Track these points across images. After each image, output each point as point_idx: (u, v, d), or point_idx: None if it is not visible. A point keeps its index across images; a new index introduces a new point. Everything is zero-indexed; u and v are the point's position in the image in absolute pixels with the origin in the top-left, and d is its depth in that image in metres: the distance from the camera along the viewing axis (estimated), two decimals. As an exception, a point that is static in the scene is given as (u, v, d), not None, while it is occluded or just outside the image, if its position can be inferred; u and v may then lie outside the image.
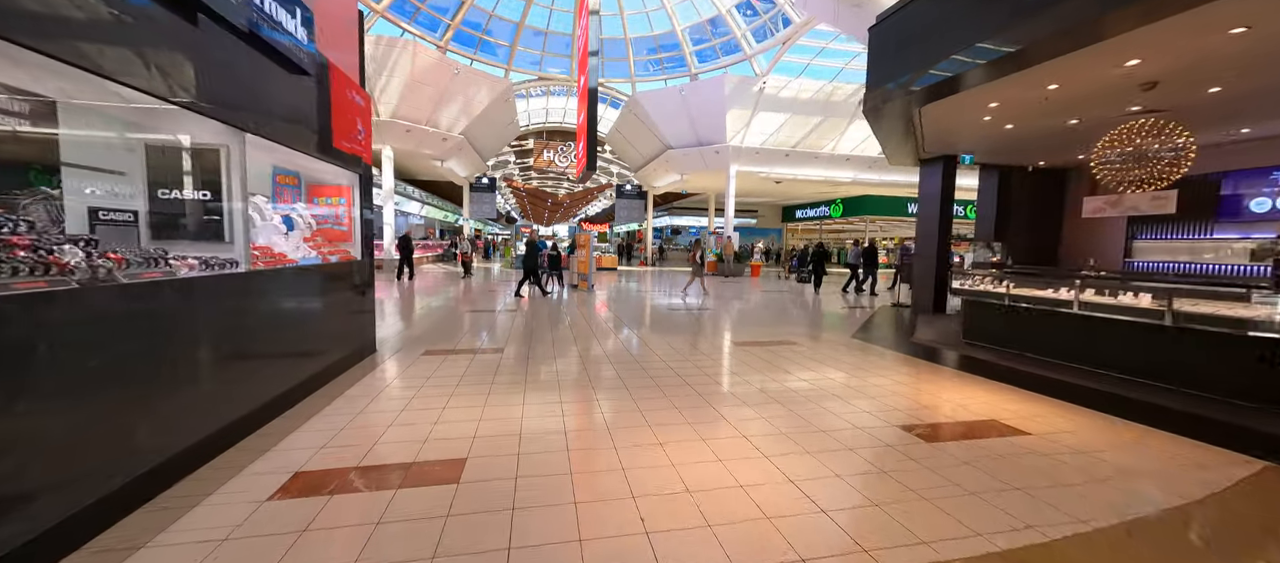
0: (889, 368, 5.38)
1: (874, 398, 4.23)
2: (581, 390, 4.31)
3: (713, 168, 21.32)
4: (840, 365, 5.37)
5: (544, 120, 28.84)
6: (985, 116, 7.05)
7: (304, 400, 3.80)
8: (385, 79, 16.17)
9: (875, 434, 3.42)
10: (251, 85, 3.23)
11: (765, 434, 3.38)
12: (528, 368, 5.00)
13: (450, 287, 13.42)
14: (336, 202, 5.02)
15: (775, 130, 20.17)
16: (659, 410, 3.77)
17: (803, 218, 37.05)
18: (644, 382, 4.59)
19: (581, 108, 14.70)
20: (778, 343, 6.50)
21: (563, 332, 7.08)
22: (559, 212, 53.17)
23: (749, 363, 5.42)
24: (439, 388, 4.30)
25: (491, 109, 19.91)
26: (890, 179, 22.88)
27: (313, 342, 4.12)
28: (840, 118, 19.88)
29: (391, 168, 18.49)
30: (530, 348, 5.90)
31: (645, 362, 5.34)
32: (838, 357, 5.80)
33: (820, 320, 8.80)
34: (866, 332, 7.63)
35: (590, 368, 5.07)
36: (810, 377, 4.89)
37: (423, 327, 7.18)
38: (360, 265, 5.08)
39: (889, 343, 6.77)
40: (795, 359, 5.63)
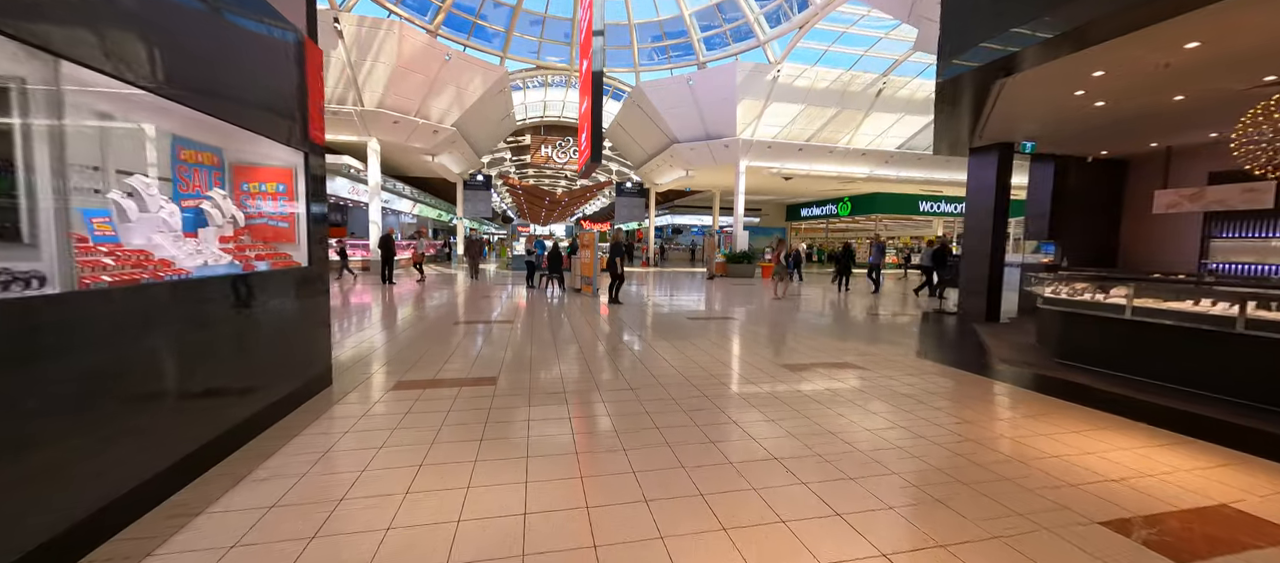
0: (992, 404, 4.18)
1: (1022, 462, 3.03)
2: (607, 454, 3.08)
3: (721, 163, 20.14)
4: (934, 403, 4.17)
5: (542, 114, 27.55)
6: (1079, 90, 5.87)
7: (196, 481, 2.56)
8: (370, 65, 14.87)
9: (1076, 539, 2.21)
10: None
11: (913, 545, 2.17)
12: (531, 411, 3.77)
13: (436, 292, 12.15)
14: (274, 190, 3.77)
15: (789, 123, 18.99)
16: (717, 480, 2.56)
17: (808, 217, 35.95)
18: (690, 436, 3.37)
19: (584, 95, 13.46)
20: (838, 367, 5.29)
21: (569, 350, 5.85)
22: (557, 210, 51.90)
23: (821, 400, 4.21)
24: (409, 446, 3.07)
25: (486, 100, 18.64)
26: (906, 175, 21.78)
27: (223, 383, 2.87)
28: (857, 109, 18.73)
29: (377, 162, 17.19)
30: (531, 377, 4.66)
31: (686, 399, 4.13)
32: (922, 388, 4.60)
33: (866, 332, 7.60)
34: (930, 348, 6.43)
35: (615, 410, 3.85)
36: (909, 422, 3.69)
37: (400, 344, 5.93)
38: (308, 274, 3.84)
39: (966, 363, 5.57)
40: (877, 394, 4.42)
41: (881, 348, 6.36)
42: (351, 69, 14.70)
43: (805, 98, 17.98)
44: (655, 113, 19.47)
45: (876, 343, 6.69)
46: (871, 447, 3.20)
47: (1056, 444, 3.31)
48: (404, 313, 8.70)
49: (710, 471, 2.80)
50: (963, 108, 6.88)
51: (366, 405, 3.83)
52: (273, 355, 3.43)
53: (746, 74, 16.82)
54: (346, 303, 9.87)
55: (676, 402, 4.00)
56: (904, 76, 17.97)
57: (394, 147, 18.10)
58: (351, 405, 3.82)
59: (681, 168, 22.12)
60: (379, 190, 17.42)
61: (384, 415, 3.61)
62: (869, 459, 3.00)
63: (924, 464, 2.96)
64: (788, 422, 3.61)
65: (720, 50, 18.89)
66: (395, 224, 32.29)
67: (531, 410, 3.76)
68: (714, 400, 4.06)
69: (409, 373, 4.67)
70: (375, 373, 4.67)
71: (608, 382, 4.56)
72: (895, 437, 3.38)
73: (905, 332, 7.73)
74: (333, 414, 3.62)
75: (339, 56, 14.46)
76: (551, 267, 12.81)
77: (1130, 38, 4.44)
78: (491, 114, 20.67)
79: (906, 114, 19.24)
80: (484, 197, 28.34)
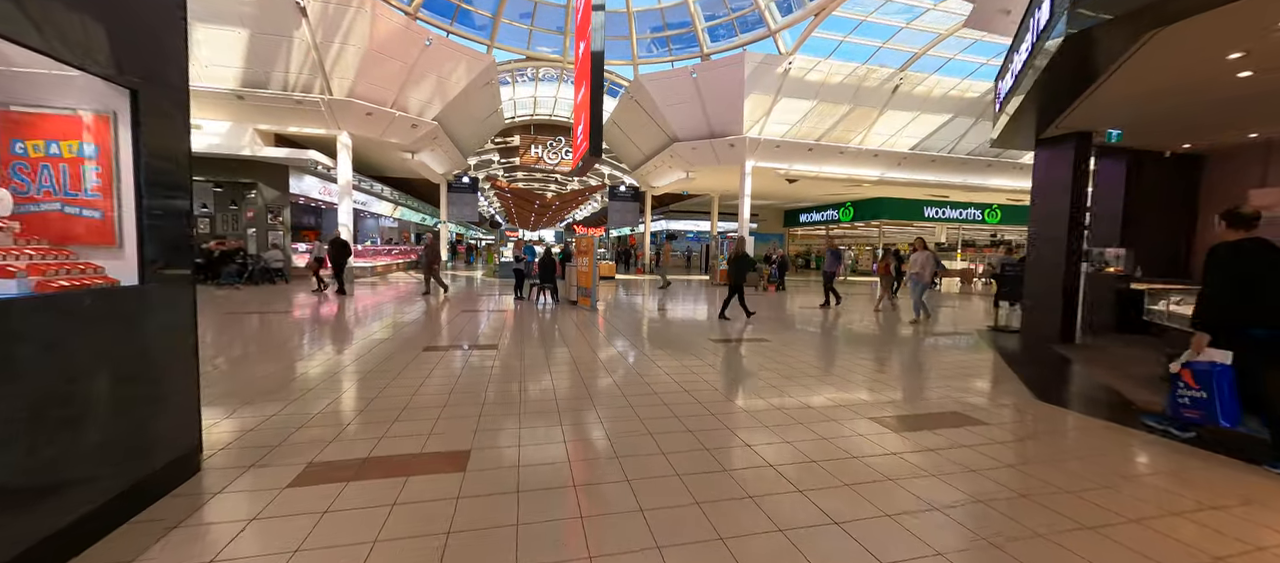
0: (1220, 488, 2.73)
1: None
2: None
3: (725, 163, 18.76)
4: (1131, 488, 2.71)
5: (531, 112, 26.04)
6: (1238, 51, 4.52)
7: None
8: (338, 46, 13.22)
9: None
10: None
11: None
12: (522, 521, 2.23)
13: (406, 307, 10.52)
14: (71, 151, 2.18)
15: (799, 120, 17.69)
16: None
17: (807, 222, 34.79)
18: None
19: (581, 82, 11.96)
20: (953, 422, 3.82)
21: (569, 393, 4.31)
22: (547, 214, 50.26)
23: (974, 497, 2.72)
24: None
25: (471, 93, 17.06)
26: (917, 178, 20.62)
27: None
28: (871, 107, 17.51)
29: (349, 158, 15.48)
30: (518, 453, 3.11)
31: (776, 497, 2.61)
32: (1092, 461, 3.14)
33: (945, 361, 6.16)
34: (1044, 387, 4.99)
35: (660, 514, 2.31)
36: (1135, 538, 2.21)
37: (326, 392, 4.32)
38: (140, 298, 2.26)
39: (1113, 412, 4.14)
40: (1040, 476, 2.95)
41: (979, 384, 4.91)
42: (317, 52, 13.04)
43: (817, 93, 16.71)
44: (655, 108, 18.06)
45: (969, 378, 5.23)
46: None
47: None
48: (348, 337, 7.07)
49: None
50: (1067, 80, 5.50)
51: (248, 512, 2.25)
52: (76, 439, 1.86)
53: (756, 65, 15.48)
54: (273, 324, 8.19)
55: (735, 482, 2.48)
56: (921, 72, 16.80)
57: (368, 142, 16.41)
58: (222, 512, 2.24)
59: (682, 169, 20.71)
60: (350, 190, 15.70)
61: (274, 535, 2.04)
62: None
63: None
64: (948, 535, 2.10)
65: (726, 41, 17.57)
66: (375, 227, 30.50)
67: (524, 521, 2.21)
68: (812, 493, 2.55)
69: (328, 449, 3.08)
70: (275, 449, 3.08)
71: (640, 459, 3.03)
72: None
73: (982, 360, 6.30)
74: (189, 531, 2.04)
75: (303, 37, 12.81)
76: (543, 275, 11.25)
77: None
78: (477, 109, 19.08)
79: (922, 113, 18.08)
80: (470, 200, 26.65)
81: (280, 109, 14.03)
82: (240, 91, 13.39)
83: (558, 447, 3.17)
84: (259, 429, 3.35)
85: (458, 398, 4.13)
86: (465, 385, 4.50)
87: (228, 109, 13.85)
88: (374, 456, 2.98)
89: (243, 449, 3.01)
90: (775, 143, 17.75)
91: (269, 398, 3.99)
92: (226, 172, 14.87)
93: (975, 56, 16.54)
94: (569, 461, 2.96)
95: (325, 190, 17.82)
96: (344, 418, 3.62)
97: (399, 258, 23.97)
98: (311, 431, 3.35)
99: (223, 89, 13.29)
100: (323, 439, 3.20)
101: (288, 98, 13.72)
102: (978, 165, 20.51)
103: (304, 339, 6.62)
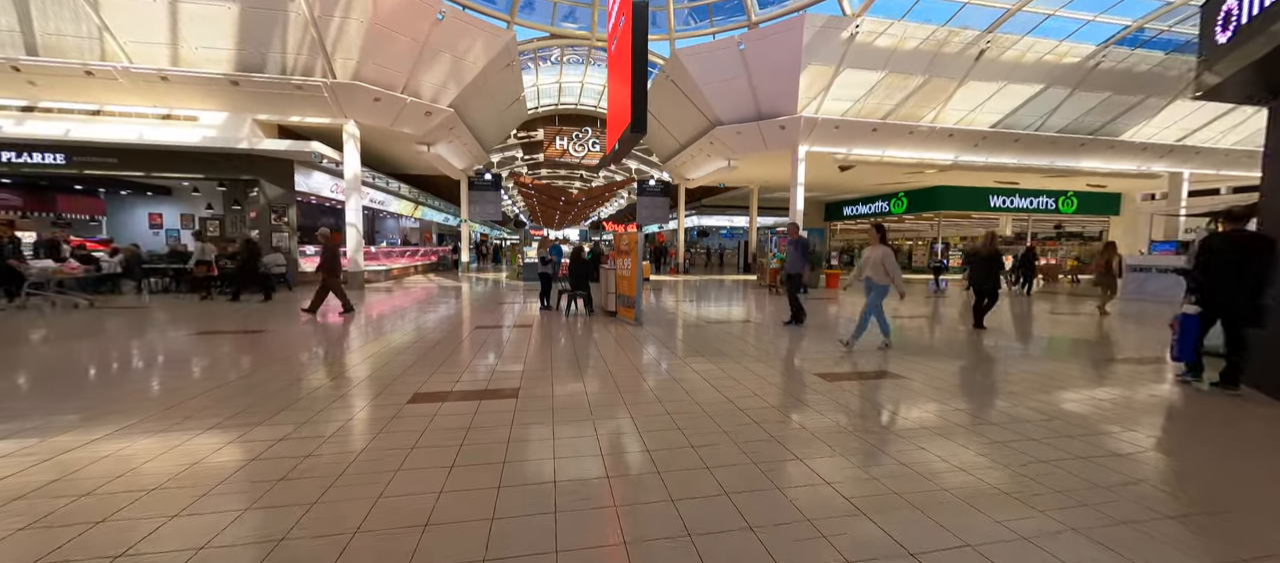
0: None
1: None
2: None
3: (774, 148, 16.54)
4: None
5: (556, 101, 24.31)
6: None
7: None
8: (339, 20, 11.61)
9: None
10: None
11: None
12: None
13: (390, 323, 8.78)
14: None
15: (864, 95, 15.31)
16: None
17: (851, 216, 32.09)
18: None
19: (617, 49, 9.99)
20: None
21: (657, 523, 2.35)
22: (572, 211, 48.69)
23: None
24: None
25: (490, 76, 15.32)
26: (996, 161, 17.91)
27: None
28: (949, 77, 15.00)
29: (356, 150, 13.93)
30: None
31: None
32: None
33: (1165, 399, 3.96)
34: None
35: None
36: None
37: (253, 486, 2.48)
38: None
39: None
40: None
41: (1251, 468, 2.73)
42: (316, 28, 11.47)
43: (887, 62, 14.31)
44: (694, 89, 15.98)
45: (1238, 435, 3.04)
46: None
47: None
48: (304, 374, 5.27)
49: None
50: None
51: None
52: None
53: (816, 31, 13.23)
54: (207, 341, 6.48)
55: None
56: (1012, 33, 14.22)
57: (379, 133, 14.86)
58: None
59: (723, 157, 18.54)
60: (358, 185, 14.15)
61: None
62: None
63: None
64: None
65: (778, 6, 15.34)
66: (395, 228, 29.33)
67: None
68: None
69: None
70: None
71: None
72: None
73: (1230, 402, 4.05)
74: None
75: (299, 11, 11.25)
76: (574, 280, 9.35)
77: None
78: (498, 95, 17.36)
79: (1009, 83, 15.45)
80: (493, 197, 25.13)
81: (280, 96, 12.55)
82: (234, 76, 11.94)
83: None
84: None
85: (455, 507, 2.21)
86: (467, 491, 2.58)
87: (223, 98, 12.44)
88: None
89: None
90: (834, 123, 15.42)
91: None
92: (227, 168, 13.52)
93: (1079, 12, 13.89)
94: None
95: (338, 188, 16.42)
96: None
97: (418, 259, 22.58)
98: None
99: (216, 74, 11.86)
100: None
101: (287, 82, 12.20)
102: (1069, 145, 17.69)
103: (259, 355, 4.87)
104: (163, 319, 8.25)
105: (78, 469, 2.74)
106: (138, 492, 2.50)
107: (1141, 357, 6.01)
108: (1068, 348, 6.51)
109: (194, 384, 4.41)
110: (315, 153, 13.29)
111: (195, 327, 7.48)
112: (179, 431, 3.31)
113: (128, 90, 11.92)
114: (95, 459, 2.87)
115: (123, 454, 2.93)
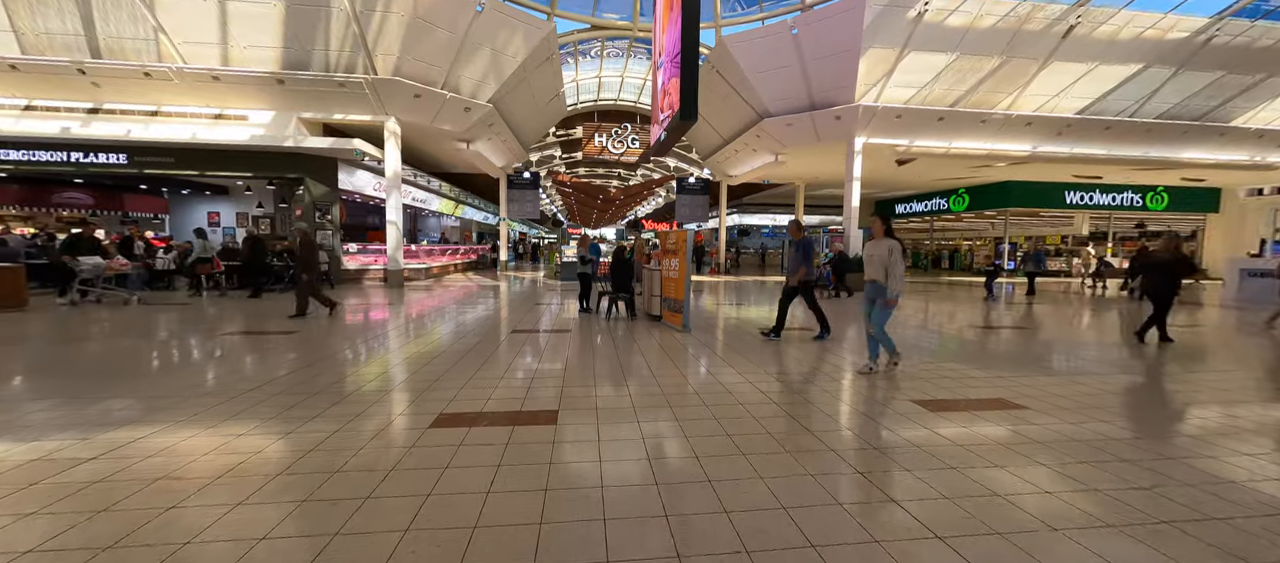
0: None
1: None
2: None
3: (826, 141, 15.43)
4: None
5: (595, 96, 23.83)
6: None
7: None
8: (380, 15, 11.44)
9: None
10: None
11: None
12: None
13: (415, 325, 8.36)
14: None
15: (930, 81, 13.98)
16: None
17: (905, 214, 30.14)
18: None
19: (667, 13, 9.27)
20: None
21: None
22: (610, 210, 48.37)
23: None
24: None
25: (529, 70, 14.94)
26: (1082, 151, 16.10)
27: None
28: (1029, 58, 13.47)
29: (397, 147, 13.83)
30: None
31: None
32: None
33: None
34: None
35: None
36: None
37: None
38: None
39: None
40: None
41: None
42: (357, 23, 11.33)
43: (959, 43, 12.97)
44: (741, 79, 15.07)
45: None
46: None
47: None
48: (310, 388, 4.81)
49: None
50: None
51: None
52: None
53: (879, 10, 12.08)
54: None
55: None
56: (1106, 7, 12.58)
57: (418, 130, 14.74)
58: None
59: (770, 152, 17.54)
60: (398, 182, 14.06)
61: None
62: None
63: None
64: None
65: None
66: (437, 227, 29.73)
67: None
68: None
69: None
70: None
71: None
72: None
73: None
74: None
75: (341, 7, 11.13)
76: (615, 281, 8.71)
77: None
78: (537, 91, 17.00)
79: (1101, 63, 13.74)
80: (531, 196, 24.94)
81: (323, 93, 12.55)
82: (280, 75, 11.99)
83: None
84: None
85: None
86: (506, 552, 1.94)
87: (270, 96, 12.55)
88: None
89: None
90: (896, 112, 14.16)
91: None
92: (275, 166, 13.69)
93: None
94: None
95: (380, 187, 16.48)
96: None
97: (458, 258, 22.64)
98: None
99: (263, 72, 11.94)
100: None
101: (330, 79, 12.17)
102: (1169, 132, 15.66)
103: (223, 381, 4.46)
104: (193, 319, 8.16)
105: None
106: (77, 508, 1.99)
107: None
108: (1262, 370, 5.32)
109: (174, 385, 4.02)
110: (357, 150, 13.24)
111: (229, 325, 7.31)
112: (156, 437, 2.84)
113: (182, 90, 12.17)
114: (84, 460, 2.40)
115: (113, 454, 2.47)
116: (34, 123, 12.19)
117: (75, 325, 7.17)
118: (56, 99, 12.16)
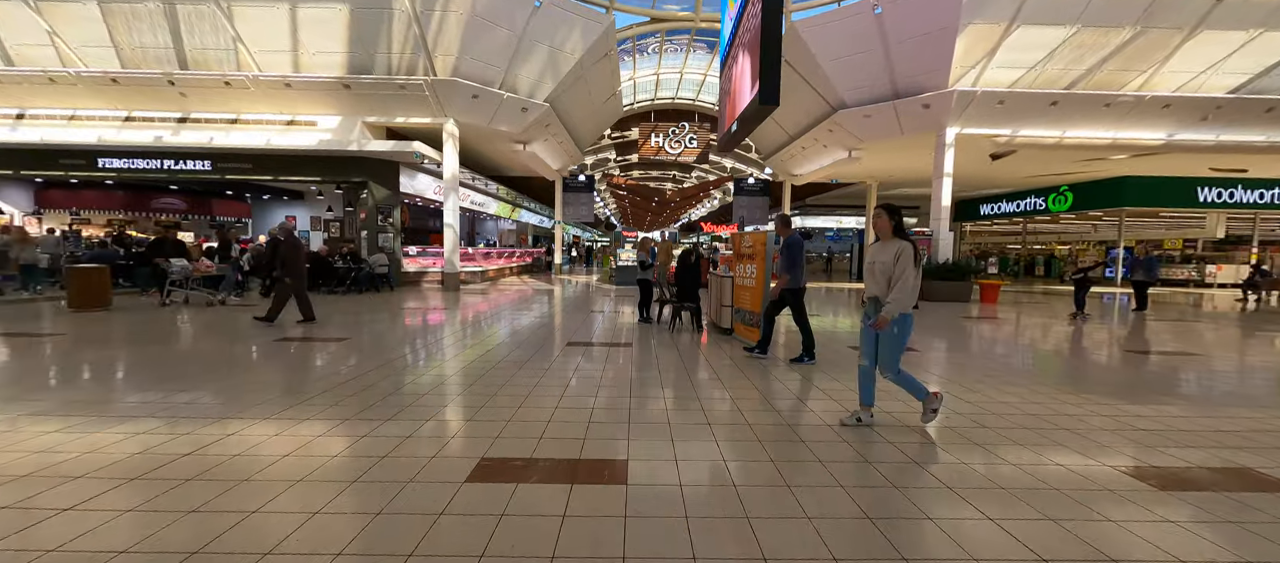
0: None
1: None
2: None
3: (912, 133, 13.82)
4: None
5: (652, 96, 23.15)
6: None
7: None
8: (439, 14, 11.27)
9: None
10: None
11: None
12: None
13: (422, 340, 7.81)
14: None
15: (1042, 60, 12.12)
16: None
17: (990, 215, 27.17)
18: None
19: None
20: None
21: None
22: (665, 212, 47.63)
23: None
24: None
25: (587, 67, 14.43)
26: (1232, 139, 13.50)
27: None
28: (1172, 27, 11.33)
29: (455, 149, 13.72)
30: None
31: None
32: None
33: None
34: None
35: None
36: None
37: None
38: None
39: None
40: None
41: None
42: (418, 23, 11.21)
43: (1080, 15, 11.09)
44: (812, 66, 13.80)
45: None
46: None
47: None
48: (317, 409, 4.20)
49: None
50: None
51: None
52: None
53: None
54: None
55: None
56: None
57: (476, 132, 14.60)
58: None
59: (843, 148, 16.07)
60: (456, 185, 13.95)
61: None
62: None
63: None
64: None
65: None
66: (494, 230, 30.15)
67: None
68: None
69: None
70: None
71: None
72: None
73: None
74: None
75: (403, 8, 11.04)
76: (681, 288, 7.85)
77: None
78: (594, 89, 16.50)
79: (1266, 30, 11.34)
80: (586, 199, 24.64)
81: (385, 97, 12.60)
82: (346, 80, 12.12)
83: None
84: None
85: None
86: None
87: (336, 101, 12.75)
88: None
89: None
90: (998, 97, 12.38)
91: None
92: (341, 171, 13.96)
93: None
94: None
95: (439, 190, 16.57)
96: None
97: (513, 261, 22.64)
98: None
99: (329, 77, 12.12)
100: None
101: (391, 82, 12.18)
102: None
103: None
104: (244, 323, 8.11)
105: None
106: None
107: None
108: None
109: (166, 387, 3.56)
110: (417, 152, 13.23)
111: (272, 334, 7.13)
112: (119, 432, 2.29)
113: (257, 98, 12.60)
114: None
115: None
116: (132, 133, 13.04)
117: (143, 326, 7.24)
118: (149, 109, 12.93)
